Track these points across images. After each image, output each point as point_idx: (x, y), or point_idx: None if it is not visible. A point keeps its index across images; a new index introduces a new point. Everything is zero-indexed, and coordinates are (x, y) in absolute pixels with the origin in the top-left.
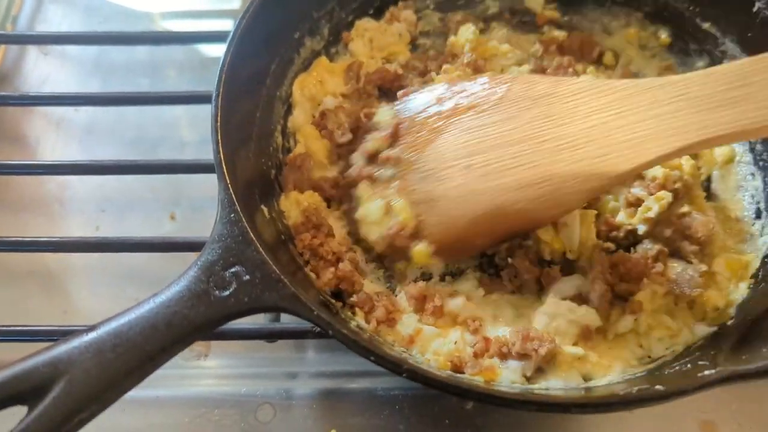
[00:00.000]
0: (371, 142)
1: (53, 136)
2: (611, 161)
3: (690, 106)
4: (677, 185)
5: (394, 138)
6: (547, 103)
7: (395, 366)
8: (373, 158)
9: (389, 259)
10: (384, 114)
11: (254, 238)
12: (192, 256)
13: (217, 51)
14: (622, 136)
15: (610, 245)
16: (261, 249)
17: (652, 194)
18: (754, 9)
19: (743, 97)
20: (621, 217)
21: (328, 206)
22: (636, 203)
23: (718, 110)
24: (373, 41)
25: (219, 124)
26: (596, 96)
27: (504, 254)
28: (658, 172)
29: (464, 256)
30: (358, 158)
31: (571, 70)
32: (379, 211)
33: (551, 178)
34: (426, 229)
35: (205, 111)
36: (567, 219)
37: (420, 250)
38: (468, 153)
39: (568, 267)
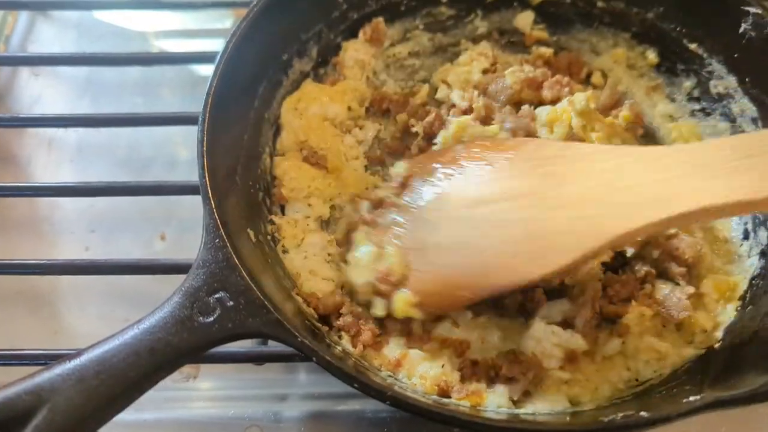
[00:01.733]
0: (380, 189)
1: (44, 156)
2: (608, 222)
3: (696, 173)
4: None
5: (403, 188)
6: (555, 163)
7: (379, 393)
8: (379, 206)
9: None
10: (399, 167)
11: (238, 264)
12: (182, 277)
13: (210, 70)
14: (623, 197)
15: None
16: (245, 275)
17: None
18: (740, 30)
19: (749, 167)
20: None
21: None
22: None
23: (723, 178)
24: (360, 61)
25: (205, 149)
26: (604, 158)
27: None
28: None
29: (447, 309)
30: (364, 205)
31: (567, 89)
32: (370, 255)
33: (546, 235)
34: (413, 279)
35: (196, 131)
36: None
37: (402, 297)
38: (469, 204)
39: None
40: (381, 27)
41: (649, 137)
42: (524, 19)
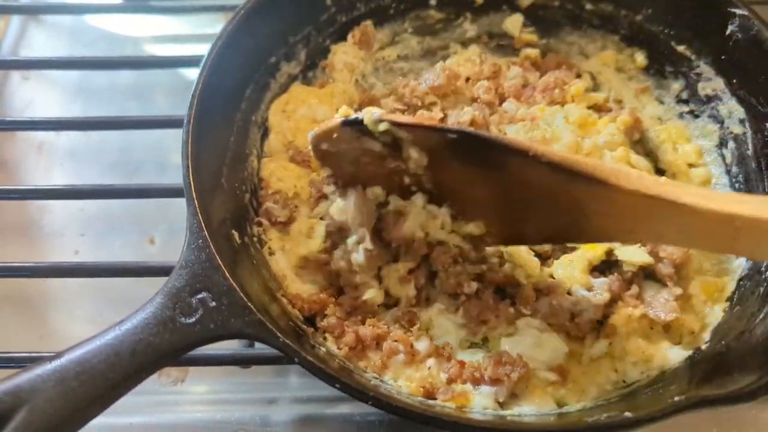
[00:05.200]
0: None
1: (34, 160)
2: None
3: None
4: None
5: None
6: None
7: (360, 394)
8: None
9: None
10: None
11: (221, 264)
12: None
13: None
14: None
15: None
16: (228, 275)
17: None
18: (727, 32)
19: None
20: None
21: None
22: None
23: None
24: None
25: (190, 150)
26: None
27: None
28: None
29: None
30: None
31: (557, 90)
32: None
33: None
34: None
35: None
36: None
37: None
38: None
39: None
40: (370, 30)
41: (641, 140)
42: (513, 23)
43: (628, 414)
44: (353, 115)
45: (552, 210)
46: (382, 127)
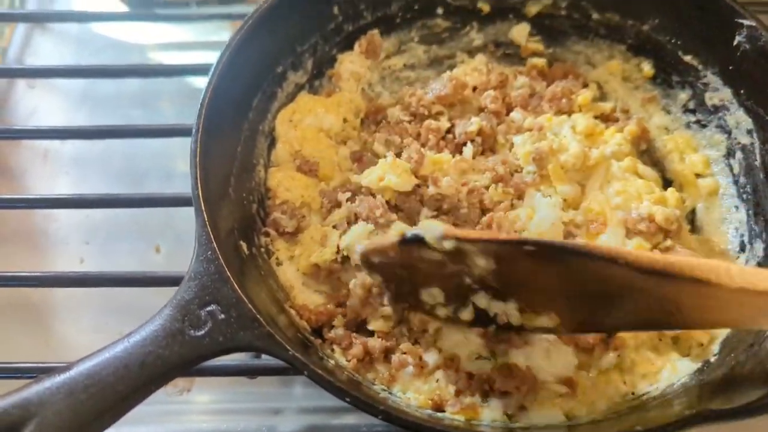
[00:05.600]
0: None
1: (40, 168)
2: None
3: None
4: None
5: None
6: None
7: (371, 408)
8: None
9: None
10: None
11: (230, 276)
12: (176, 290)
13: (206, 82)
14: None
15: None
16: (237, 287)
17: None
18: (735, 42)
19: None
20: None
21: None
22: None
23: None
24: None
25: (198, 160)
26: None
27: None
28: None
29: None
30: None
31: (564, 100)
32: None
33: None
34: None
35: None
36: None
37: None
38: None
39: None
40: (376, 39)
41: (648, 150)
42: (520, 32)
43: (637, 427)
44: (412, 232)
45: (639, 304)
46: (448, 245)
